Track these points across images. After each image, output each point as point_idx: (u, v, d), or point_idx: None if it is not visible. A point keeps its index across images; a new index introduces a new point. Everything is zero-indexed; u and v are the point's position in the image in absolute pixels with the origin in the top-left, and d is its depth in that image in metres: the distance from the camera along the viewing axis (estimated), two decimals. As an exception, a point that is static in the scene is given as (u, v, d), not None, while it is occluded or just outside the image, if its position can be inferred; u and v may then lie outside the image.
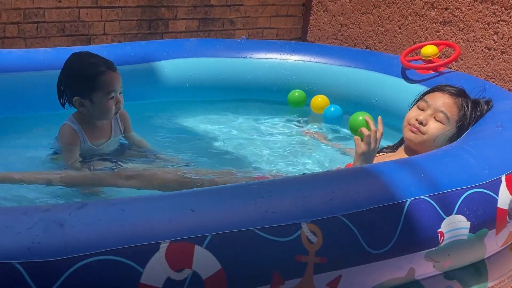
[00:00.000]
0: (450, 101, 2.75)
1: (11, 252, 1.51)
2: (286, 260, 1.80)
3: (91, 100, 2.86)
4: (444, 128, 2.71)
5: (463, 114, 2.73)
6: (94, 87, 2.83)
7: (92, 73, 2.83)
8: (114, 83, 2.87)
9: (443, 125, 2.71)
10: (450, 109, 2.73)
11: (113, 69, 2.89)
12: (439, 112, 2.72)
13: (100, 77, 2.83)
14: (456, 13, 4.33)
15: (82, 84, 2.84)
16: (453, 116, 2.72)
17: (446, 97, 2.76)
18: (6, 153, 3.04)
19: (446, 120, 2.71)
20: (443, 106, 2.73)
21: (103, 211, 1.67)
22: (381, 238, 1.94)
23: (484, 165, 2.23)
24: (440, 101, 2.75)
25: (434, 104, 2.75)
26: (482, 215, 2.13)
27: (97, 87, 2.83)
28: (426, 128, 2.71)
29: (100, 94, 2.85)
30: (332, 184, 2.00)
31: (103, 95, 2.85)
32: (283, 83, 4.07)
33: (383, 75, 3.78)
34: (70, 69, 2.91)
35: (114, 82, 2.87)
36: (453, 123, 2.72)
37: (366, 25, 5.09)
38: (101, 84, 2.83)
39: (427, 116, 2.73)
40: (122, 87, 2.91)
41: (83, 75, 2.84)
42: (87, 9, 4.74)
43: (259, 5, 5.47)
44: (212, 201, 1.83)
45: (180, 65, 3.98)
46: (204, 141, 3.53)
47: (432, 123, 2.72)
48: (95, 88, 2.83)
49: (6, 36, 4.49)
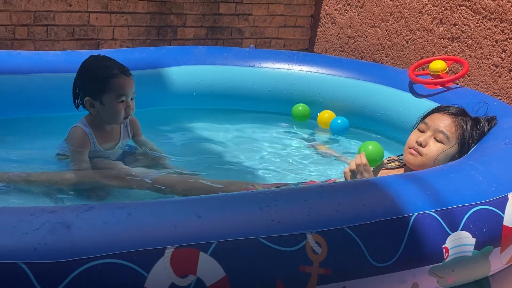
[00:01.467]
0: (449, 121, 2.74)
1: (17, 252, 1.51)
2: (290, 270, 1.79)
3: (101, 101, 2.89)
4: (444, 148, 2.69)
5: (462, 132, 2.72)
6: (105, 89, 2.86)
7: (105, 75, 2.87)
8: (125, 88, 2.89)
9: (443, 145, 2.70)
10: (449, 129, 2.72)
11: (127, 74, 2.93)
12: (438, 132, 2.72)
13: (112, 80, 2.86)
14: (465, 30, 4.34)
15: (94, 85, 2.88)
16: (453, 134, 2.71)
17: (445, 117, 2.76)
18: (14, 154, 3.05)
19: (446, 140, 2.70)
20: (442, 126, 2.73)
21: (110, 214, 1.67)
22: (386, 252, 1.94)
23: (491, 182, 2.22)
24: (439, 121, 2.75)
25: (434, 125, 2.74)
26: (488, 232, 2.12)
27: (107, 89, 2.86)
28: (425, 150, 2.70)
29: (110, 97, 2.87)
30: (338, 196, 2.00)
31: (113, 97, 2.87)
32: (290, 93, 4.08)
33: (390, 88, 3.79)
34: (85, 69, 2.95)
35: (126, 87, 2.89)
36: (453, 142, 2.71)
37: (374, 39, 5.10)
38: (112, 87, 2.86)
39: (427, 137, 2.73)
40: (134, 94, 2.94)
41: (96, 76, 2.88)
42: (97, 14, 4.77)
43: (267, 15, 5.49)
44: (218, 208, 1.83)
45: (188, 72, 4.00)
46: (208, 149, 3.54)
47: (432, 144, 2.71)
48: (105, 89, 2.86)
49: (16, 38, 4.51)
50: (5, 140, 3.27)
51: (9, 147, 3.19)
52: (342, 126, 3.87)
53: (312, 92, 4.06)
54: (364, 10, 5.18)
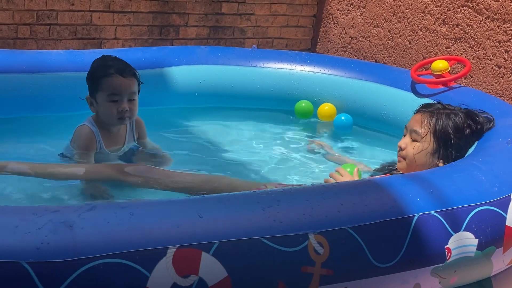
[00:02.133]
0: (419, 117, 2.75)
1: (19, 252, 1.51)
2: (292, 271, 1.79)
3: (96, 99, 2.94)
4: (419, 145, 2.69)
5: (432, 125, 2.70)
6: (98, 87, 2.92)
7: (100, 74, 2.92)
8: (118, 88, 2.90)
9: (418, 143, 2.70)
10: (419, 124, 2.72)
11: (124, 75, 2.92)
12: (412, 131, 2.74)
13: (105, 79, 2.90)
14: (468, 30, 4.33)
15: (91, 83, 2.96)
16: (423, 130, 2.70)
17: (416, 116, 2.78)
18: (15, 153, 3.05)
19: (418, 136, 2.71)
20: (414, 124, 2.74)
21: (112, 214, 1.67)
22: (388, 252, 1.94)
23: (493, 182, 2.22)
24: (412, 121, 2.78)
25: (409, 125, 2.77)
26: (490, 232, 2.12)
27: (100, 88, 2.91)
28: (405, 152, 2.73)
29: (102, 95, 2.92)
30: (340, 196, 1.99)
31: (104, 96, 2.91)
32: (292, 93, 4.08)
33: (393, 88, 3.79)
34: (90, 68, 3.01)
35: (118, 87, 2.90)
36: (426, 138, 2.69)
37: (376, 39, 5.10)
38: (104, 86, 2.90)
39: (405, 139, 2.76)
40: (134, 95, 2.93)
41: (93, 75, 2.95)
42: (99, 13, 4.77)
43: (270, 15, 5.49)
44: (220, 208, 1.83)
45: (190, 71, 4.00)
46: (211, 148, 3.54)
47: (409, 145, 2.73)
48: (98, 88, 2.92)
49: (18, 37, 4.52)
50: (7, 139, 3.28)
51: (11, 146, 3.20)
52: (347, 123, 3.87)
53: (315, 92, 4.06)
54: (366, 10, 5.18)
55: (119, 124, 2.99)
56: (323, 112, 4.00)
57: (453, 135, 2.68)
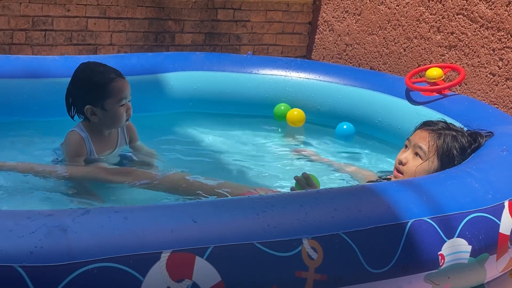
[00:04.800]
0: (425, 134, 2.73)
1: (13, 256, 1.51)
2: (286, 275, 1.79)
3: (103, 107, 2.88)
4: (423, 164, 2.68)
5: (439, 146, 2.69)
6: (106, 94, 2.86)
7: (104, 80, 2.87)
8: (125, 90, 2.91)
9: (421, 160, 2.69)
10: (425, 142, 2.70)
11: (122, 77, 2.94)
12: (417, 147, 2.71)
13: (111, 84, 2.87)
14: (462, 38, 4.35)
15: (94, 92, 2.87)
16: (430, 149, 2.69)
17: (423, 133, 2.75)
18: (9, 157, 3.05)
19: (423, 154, 2.69)
20: (419, 141, 2.72)
21: (106, 218, 1.67)
22: (382, 258, 1.94)
23: (487, 189, 2.23)
24: (418, 136, 2.75)
25: (413, 140, 2.75)
26: (484, 239, 2.12)
27: (108, 94, 2.86)
28: (405, 167, 2.71)
29: (112, 101, 2.87)
30: (334, 202, 2.00)
31: (115, 101, 2.88)
32: (287, 100, 4.08)
33: (387, 95, 3.80)
34: (80, 79, 2.93)
35: (125, 89, 2.91)
36: (430, 157, 2.68)
37: (371, 46, 5.12)
38: (113, 91, 2.87)
39: (407, 154, 2.73)
40: (131, 95, 2.94)
41: (94, 83, 2.87)
42: (95, 19, 4.78)
43: (265, 22, 5.50)
44: (214, 213, 1.83)
45: (185, 77, 4.01)
46: (205, 154, 3.54)
47: (412, 160, 2.71)
48: (106, 95, 2.86)
49: (14, 43, 4.52)
50: (2, 143, 3.27)
51: (5, 150, 3.19)
52: (348, 132, 3.85)
53: (310, 99, 4.07)
54: (362, 18, 5.20)
55: (124, 125, 3.00)
56: (292, 117, 3.99)
57: (457, 157, 2.68)
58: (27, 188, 2.73)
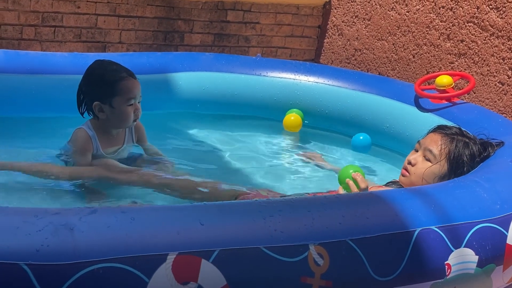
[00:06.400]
0: (437, 138, 2.72)
1: (19, 253, 1.50)
2: (291, 281, 1.78)
3: (111, 105, 2.88)
4: (432, 167, 2.67)
5: (450, 150, 2.68)
6: (115, 92, 2.87)
7: (114, 78, 2.88)
8: (134, 90, 2.90)
9: (430, 163, 2.68)
10: (437, 145, 2.69)
11: (134, 77, 2.94)
12: (427, 150, 2.70)
13: (121, 83, 2.87)
14: (472, 46, 4.34)
15: (103, 89, 2.88)
16: (440, 152, 2.68)
17: (435, 135, 2.74)
18: (15, 152, 3.05)
19: (433, 158, 2.68)
20: (429, 144, 2.71)
21: (113, 219, 1.66)
22: (388, 266, 1.93)
23: (496, 200, 2.22)
24: (429, 139, 2.74)
25: (424, 143, 2.74)
26: (491, 250, 2.11)
27: (117, 92, 2.87)
28: (414, 168, 2.70)
29: (120, 100, 2.87)
30: (342, 208, 1.99)
31: (123, 100, 2.88)
32: (295, 103, 4.07)
33: (396, 102, 3.78)
34: (91, 74, 2.94)
35: (134, 89, 2.90)
36: (440, 160, 2.67)
37: (380, 52, 5.10)
38: (122, 89, 2.87)
39: (417, 156, 2.73)
40: (141, 97, 2.94)
41: (104, 80, 2.88)
42: (105, 17, 4.78)
43: (275, 24, 5.50)
44: (221, 216, 1.82)
45: (194, 78, 4.00)
46: (211, 155, 3.55)
47: (421, 162, 2.70)
48: (115, 93, 2.87)
49: (23, 38, 4.52)
50: (8, 139, 3.28)
51: (11, 145, 3.19)
52: (365, 143, 3.77)
53: (318, 103, 4.06)
54: (371, 23, 5.19)
55: (132, 125, 3.01)
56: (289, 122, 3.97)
57: (467, 164, 2.66)
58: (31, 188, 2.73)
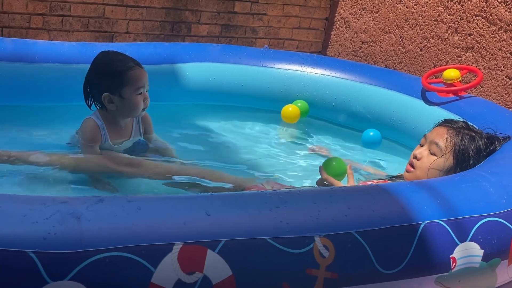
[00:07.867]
0: (443, 131, 2.71)
1: (26, 241, 1.51)
2: (297, 272, 1.79)
3: (121, 95, 2.89)
4: (437, 161, 2.65)
5: (456, 143, 2.66)
6: (124, 82, 2.88)
7: (122, 68, 2.89)
8: (143, 79, 2.92)
9: (437, 157, 2.67)
10: (443, 138, 2.68)
11: (141, 66, 2.96)
12: (433, 144, 2.69)
13: (129, 72, 2.88)
14: (480, 40, 4.32)
15: (112, 80, 2.89)
16: (446, 145, 2.66)
17: (441, 128, 2.73)
18: (25, 140, 3.07)
19: (439, 151, 2.67)
20: (435, 137, 2.70)
21: (120, 208, 1.67)
22: (393, 259, 1.93)
23: (502, 194, 2.21)
24: (435, 133, 2.73)
25: (430, 136, 2.73)
26: (496, 244, 2.11)
27: (126, 82, 2.88)
28: (419, 163, 2.69)
29: (130, 89, 2.89)
30: (348, 200, 1.99)
31: (133, 90, 2.89)
32: (302, 95, 4.07)
33: (402, 95, 3.77)
34: (99, 66, 2.95)
35: (143, 78, 2.92)
36: (446, 154, 2.66)
37: (388, 45, 5.09)
38: (130, 79, 2.88)
39: (422, 150, 2.72)
40: (148, 85, 2.95)
41: (112, 71, 2.89)
42: (113, 7, 4.77)
43: (282, 16, 5.49)
44: (228, 207, 1.83)
45: (201, 68, 4.00)
46: (218, 146, 3.55)
47: (426, 157, 2.69)
48: (124, 83, 2.88)
49: (31, 27, 4.53)
50: (18, 127, 3.29)
51: (20, 134, 3.20)
52: (375, 139, 3.77)
53: (324, 95, 4.05)
54: (379, 16, 5.17)
55: (141, 115, 3.02)
56: (287, 113, 3.97)
57: (472, 158, 2.65)
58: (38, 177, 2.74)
